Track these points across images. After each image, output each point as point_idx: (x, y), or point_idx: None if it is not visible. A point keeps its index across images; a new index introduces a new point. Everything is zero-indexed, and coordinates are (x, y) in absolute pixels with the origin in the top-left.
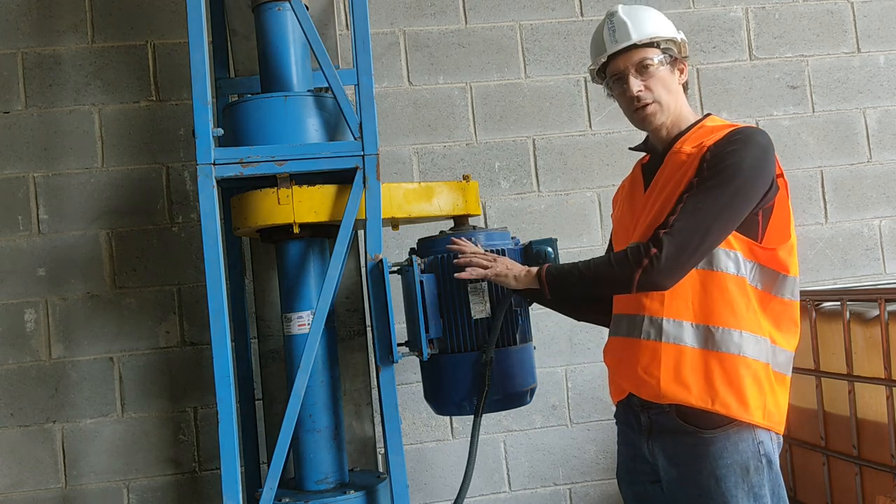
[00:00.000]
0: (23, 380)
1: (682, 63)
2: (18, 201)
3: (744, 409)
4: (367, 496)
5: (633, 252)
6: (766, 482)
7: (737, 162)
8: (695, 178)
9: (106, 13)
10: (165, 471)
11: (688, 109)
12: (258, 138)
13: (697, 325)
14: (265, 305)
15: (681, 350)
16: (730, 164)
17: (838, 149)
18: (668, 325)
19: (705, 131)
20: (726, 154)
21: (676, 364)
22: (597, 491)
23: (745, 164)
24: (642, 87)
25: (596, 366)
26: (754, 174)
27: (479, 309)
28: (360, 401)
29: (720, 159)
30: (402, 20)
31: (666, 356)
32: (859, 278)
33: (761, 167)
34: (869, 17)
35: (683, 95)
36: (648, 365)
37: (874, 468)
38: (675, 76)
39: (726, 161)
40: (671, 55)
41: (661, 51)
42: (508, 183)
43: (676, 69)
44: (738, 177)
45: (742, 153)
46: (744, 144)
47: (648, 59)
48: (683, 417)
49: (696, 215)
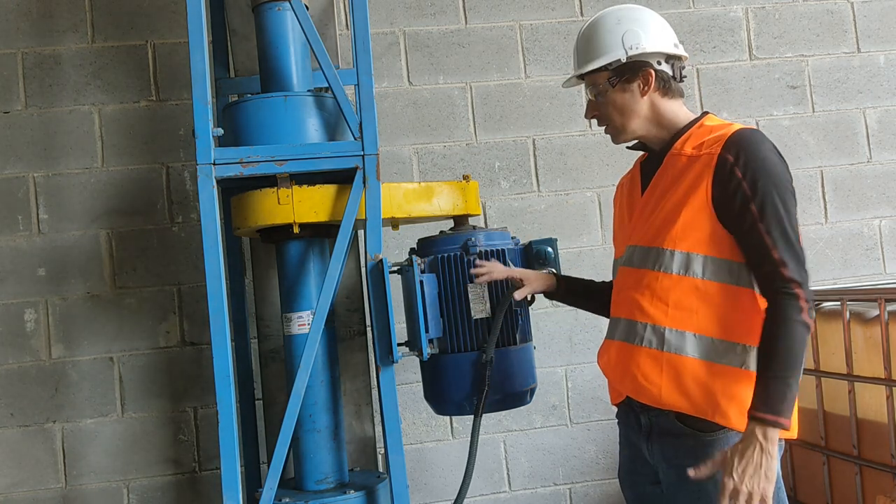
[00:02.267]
0: (23, 380)
1: (645, 72)
2: (18, 201)
3: (745, 421)
4: (367, 496)
5: (787, 308)
6: None
7: (762, 159)
8: (737, 203)
9: (106, 13)
10: (165, 471)
11: (674, 112)
12: (258, 138)
13: (700, 337)
14: (265, 305)
15: (683, 361)
16: (759, 166)
17: (838, 149)
18: (671, 335)
19: (704, 131)
20: (749, 159)
21: (678, 374)
22: (597, 491)
23: (778, 167)
24: (597, 113)
25: (596, 366)
26: (781, 162)
27: (479, 309)
28: (360, 401)
29: (749, 168)
30: (402, 20)
31: (668, 366)
32: (859, 278)
33: (780, 155)
34: (869, 17)
35: (661, 102)
36: (649, 373)
37: (874, 468)
38: (634, 92)
39: (752, 163)
40: (621, 74)
41: (610, 72)
42: (508, 183)
43: (637, 83)
44: (781, 183)
45: (757, 151)
46: (750, 143)
47: (599, 85)
48: (683, 420)
49: (788, 235)
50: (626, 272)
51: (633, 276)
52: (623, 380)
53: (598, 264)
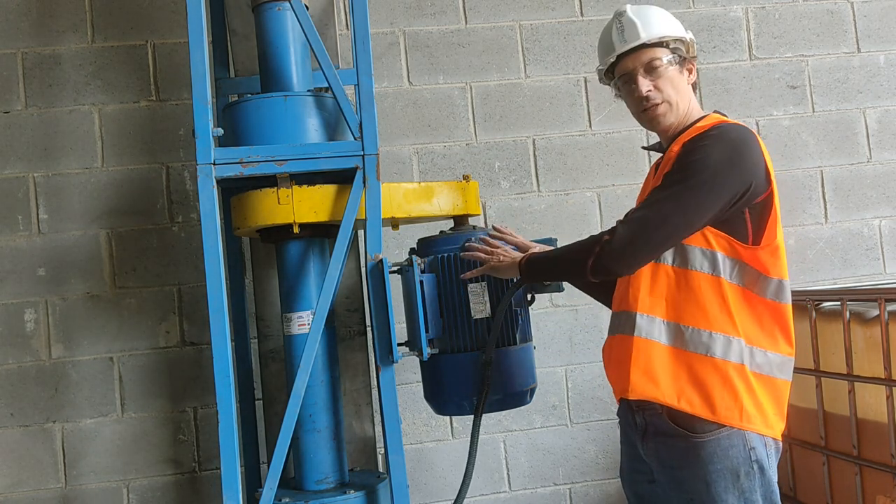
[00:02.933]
0: (23, 380)
1: (691, 63)
2: (18, 201)
3: (709, 410)
4: (367, 496)
5: (591, 238)
6: (758, 488)
7: (703, 157)
8: (665, 174)
9: (106, 13)
10: (165, 471)
11: (696, 109)
12: (258, 138)
13: (668, 323)
14: (265, 305)
15: (651, 345)
16: (696, 159)
17: (838, 149)
18: (642, 321)
19: (695, 129)
20: (695, 150)
21: (647, 359)
22: (597, 491)
23: (711, 159)
24: (651, 87)
25: (596, 366)
26: (723, 169)
27: (479, 309)
28: (360, 401)
29: (688, 154)
30: (402, 20)
31: (637, 350)
32: (859, 278)
33: (731, 162)
34: (869, 17)
35: (693, 95)
36: (622, 358)
37: (874, 468)
38: (685, 76)
39: (693, 156)
40: (680, 55)
41: (670, 51)
42: (508, 183)
43: (685, 69)
44: (703, 171)
45: (710, 149)
46: (715, 140)
47: (657, 59)
48: (675, 420)
49: (654, 206)
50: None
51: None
52: (609, 370)
53: None
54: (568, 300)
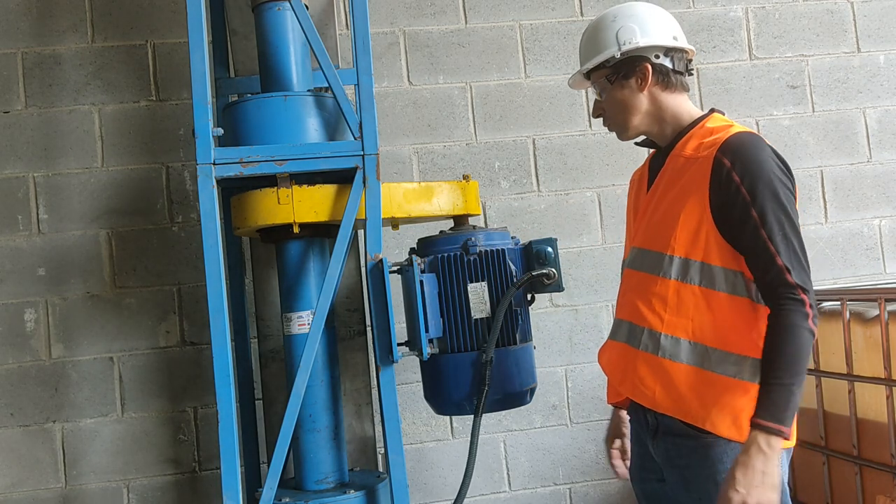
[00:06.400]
0: (23, 380)
1: (642, 67)
2: (18, 201)
3: (737, 433)
4: (367, 496)
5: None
6: None
7: (759, 162)
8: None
9: (106, 13)
10: (165, 470)
11: (677, 107)
12: (258, 138)
13: (695, 344)
14: (265, 305)
15: (677, 367)
16: (756, 170)
17: (838, 148)
18: (666, 342)
19: (706, 132)
20: (746, 165)
21: (671, 381)
22: (597, 491)
23: (767, 172)
24: (602, 110)
25: (596, 366)
26: (780, 165)
27: (479, 309)
28: (360, 401)
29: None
30: (402, 20)
31: (662, 372)
32: (859, 278)
33: (779, 158)
34: (869, 16)
35: (662, 97)
36: (645, 378)
37: (874, 468)
38: (633, 87)
39: (750, 168)
40: (618, 71)
41: (608, 70)
42: (508, 183)
43: (634, 78)
44: (770, 184)
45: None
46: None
47: (599, 83)
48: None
49: (783, 236)
50: (630, 274)
51: (636, 279)
52: (623, 381)
53: (598, 264)
54: (568, 300)
